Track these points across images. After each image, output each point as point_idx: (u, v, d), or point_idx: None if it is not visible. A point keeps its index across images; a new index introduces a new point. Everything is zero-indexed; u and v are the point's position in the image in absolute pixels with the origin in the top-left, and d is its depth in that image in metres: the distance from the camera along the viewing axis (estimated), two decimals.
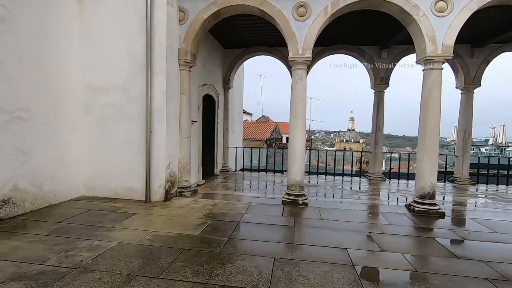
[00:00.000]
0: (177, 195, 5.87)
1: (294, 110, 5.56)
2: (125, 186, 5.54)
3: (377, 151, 8.72)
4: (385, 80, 8.46)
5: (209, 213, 4.76)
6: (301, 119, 5.54)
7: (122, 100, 5.48)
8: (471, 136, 8.31)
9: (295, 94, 5.55)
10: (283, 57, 8.87)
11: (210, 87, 7.69)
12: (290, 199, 5.53)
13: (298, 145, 5.57)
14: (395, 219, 4.75)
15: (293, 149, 5.61)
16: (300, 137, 5.59)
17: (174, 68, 5.67)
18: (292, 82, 5.61)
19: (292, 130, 5.61)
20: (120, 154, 5.53)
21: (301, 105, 5.53)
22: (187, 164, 6.01)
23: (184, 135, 5.93)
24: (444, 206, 5.61)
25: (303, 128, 5.59)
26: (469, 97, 8.17)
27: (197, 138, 6.99)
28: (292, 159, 5.61)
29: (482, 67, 8.00)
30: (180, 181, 5.95)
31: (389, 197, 6.44)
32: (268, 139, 21.71)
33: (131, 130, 5.47)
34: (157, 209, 4.94)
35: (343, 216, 4.82)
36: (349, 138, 77.61)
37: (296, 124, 5.55)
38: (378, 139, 8.69)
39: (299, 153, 5.58)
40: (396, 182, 8.50)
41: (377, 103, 8.64)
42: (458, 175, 8.38)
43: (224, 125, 9.34)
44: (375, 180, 8.54)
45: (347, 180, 8.54)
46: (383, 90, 8.59)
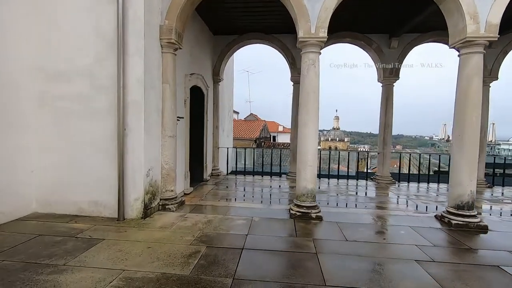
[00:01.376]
0: (159, 209, 4.72)
1: (305, 103, 4.54)
2: (92, 200, 4.33)
3: (385, 151, 7.87)
4: (394, 72, 7.61)
5: (202, 235, 3.66)
6: (313, 114, 4.53)
7: (87, 90, 4.26)
8: (487, 135, 7.61)
9: (306, 83, 4.53)
10: (281, 46, 7.85)
11: (198, 78, 6.55)
12: (300, 212, 4.52)
13: (310, 146, 4.56)
14: (434, 237, 3.83)
15: (303, 151, 4.59)
16: (313, 136, 4.58)
17: (155, 50, 4.51)
18: (302, 69, 4.58)
19: (302, 129, 4.59)
20: (85, 159, 4.32)
21: (314, 97, 4.52)
22: (172, 169, 4.87)
23: (168, 134, 4.77)
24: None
25: (316, 126, 4.58)
26: (486, 92, 7.45)
27: (183, 137, 5.84)
28: (302, 163, 4.60)
29: (499, 58, 7.31)
30: (163, 191, 4.80)
31: (414, 206, 5.56)
32: (258, 138, 20.70)
33: (99, 128, 4.27)
34: (133, 231, 3.78)
35: (371, 235, 3.86)
36: (334, 136, 78.19)
37: (307, 122, 4.54)
38: (387, 138, 7.85)
39: (311, 156, 4.57)
40: (406, 185, 7.69)
41: (385, 98, 7.80)
42: None
43: (214, 123, 8.21)
44: (384, 183, 7.69)
45: (353, 184, 7.64)
46: (393, 84, 7.75)
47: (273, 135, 48.37)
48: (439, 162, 11.49)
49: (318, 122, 4.60)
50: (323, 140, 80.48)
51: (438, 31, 7.26)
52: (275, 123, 51.56)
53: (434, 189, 7.32)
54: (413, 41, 7.51)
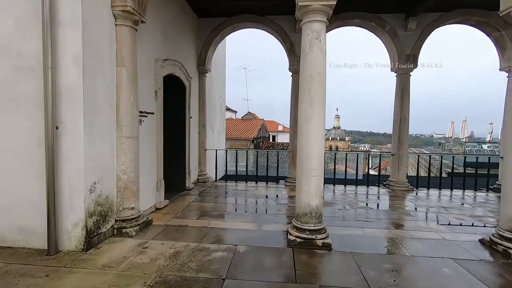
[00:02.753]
0: (113, 234, 3.55)
1: (307, 90, 3.36)
2: (16, 225, 3.16)
3: (401, 152, 6.69)
4: (412, 58, 6.43)
5: (158, 282, 2.49)
6: (319, 105, 3.35)
7: (4, 72, 3.10)
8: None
9: (308, 63, 3.35)
10: (278, 29, 6.67)
11: (176, 65, 5.37)
12: (302, 238, 3.34)
13: (315, 147, 3.38)
14: (494, 280, 2.66)
15: (305, 154, 3.41)
16: (318, 134, 3.40)
17: (103, 20, 3.34)
18: (303, 46, 3.41)
19: (304, 124, 3.41)
20: (3, 171, 3.15)
21: (319, 80, 3.34)
22: (133, 181, 3.69)
23: (126, 134, 3.60)
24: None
25: (322, 121, 3.40)
26: None
27: (154, 138, 4.66)
28: (304, 172, 3.42)
29: None
30: (120, 210, 3.63)
31: (446, 223, 4.39)
32: (255, 138, 19.51)
33: (21, 125, 3.10)
34: (61, 273, 2.62)
35: (405, 277, 2.68)
36: (335, 136, 77.08)
37: (311, 115, 3.36)
38: (403, 137, 6.67)
39: (317, 161, 3.39)
40: (425, 192, 6.51)
41: (400, 89, 6.61)
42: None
43: (200, 121, 7.04)
44: (400, 190, 6.51)
45: (363, 192, 6.46)
46: (409, 73, 6.56)
47: (273, 135, 47.29)
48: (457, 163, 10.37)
49: (324, 115, 3.42)
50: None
51: (465, 9, 6.09)
52: (274, 122, 50.47)
53: (459, 197, 6.15)
54: (434, 21, 6.33)
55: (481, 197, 6.18)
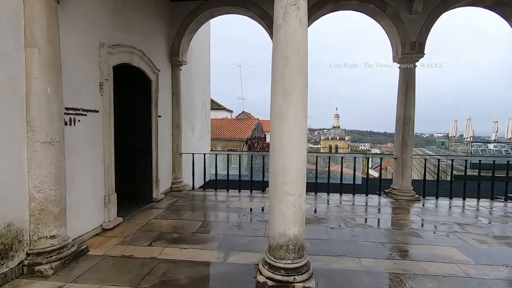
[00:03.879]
0: (22, 272, 2.64)
1: (280, 78, 2.45)
2: None
3: (405, 155, 5.77)
4: (418, 46, 5.51)
5: None
6: (297, 99, 2.43)
7: None
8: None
9: (283, 38, 2.43)
10: (262, 14, 5.76)
11: (135, 54, 4.47)
12: (275, 280, 2.43)
13: (292, 159, 2.46)
14: None
15: (279, 168, 2.49)
16: (296, 142, 2.47)
17: None
18: (275, 15, 2.48)
19: (277, 127, 2.49)
20: None
21: (297, 64, 2.42)
22: (54, 200, 2.78)
23: (41, 138, 2.69)
24: None
25: (302, 121, 2.48)
26: None
27: (100, 141, 3.74)
28: (278, 190, 2.51)
29: None
30: (35, 240, 2.72)
31: (467, 251, 3.47)
32: (249, 138, 18.58)
33: None
34: None
35: None
36: (334, 135, 76.26)
37: (286, 112, 2.44)
38: (407, 138, 5.74)
39: (294, 177, 2.47)
40: (433, 202, 5.59)
41: (404, 83, 5.69)
42: None
43: (174, 120, 6.12)
44: (404, 200, 5.59)
45: (361, 203, 5.54)
46: (415, 63, 5.65)
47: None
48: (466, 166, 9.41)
49: (306, 112, 2.51)
50: (323, 139, 78.53)
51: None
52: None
53: (473, 208, 5.24)
54: (442, 3, 5.41)
55: (500, 208, 5.26)
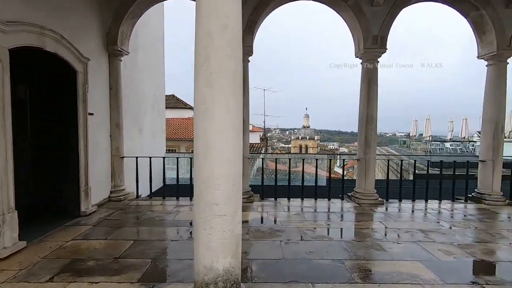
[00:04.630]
0: None
1: (204, 61, 1.83)
2: None
3: (368, 156, 5.45)
4: (380, 40, 5.20)
5: None
6: (226, 87, 1.84)
7: None
8: (504, 130, 5.48)
9: (205, 9, 1.82)
10: None
11: (47, 36, 3.61)
12: None
13: (223, 165, 1.86)
14: None
15: (205, 175, 1.88)
16: (229, 141, 1.88)
17: None
18: None
19: (201, 124, 1.88)
20: None
21: (226, 41, 1.82)
22: None
23: None
24: None
25: (235, 116, 1.89)
26: (502, 70, 5.31)
27: None
28: (202, 209, 1.88)
29: None
30: None
31: (436, 267, 3.10)
32: None
33: None
34: None
35: None
36: (305, 135, 77.77)
37: (210, 106, 1.83)
38: (370, 138, 5.42)
39: (225, 191, 1.86)
40: (396, 206, 5.33)
41: (367, 79, 5.36)
42: (485, 190, 5.48)
43: (113, 119, 5.27)
44: (367, 204, 5.26)
45: (324, 209, 5.12)
46: (377, 59, 5.34)
47: None
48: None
49: (240, 104, 1.92)
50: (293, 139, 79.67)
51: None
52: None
53: (436, 211, 5.05)
54: None
55: (461, 210, 5.11)
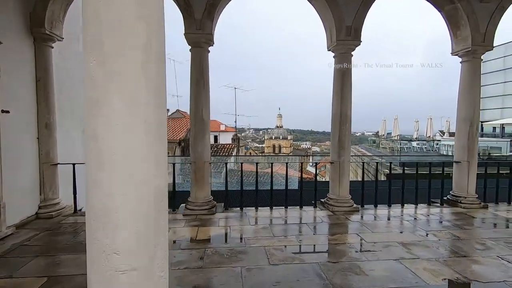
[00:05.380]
0: None
1: (94, 25, 1.13)
2: None
3: (342, 159, 4.97)
4: (354, 32, 4.74)
5: None
6: (130, 67, 1.14)
7: None
8: (479, 130, 5.27)
9: None
10: None
11: None
12: None
13: (128, 187, 1.15)
14: None
15: (98, 206, 1.17)
16: (134, 149, 1.18)
17: None
18: None
19: (91, 119, 1.17)
20: None
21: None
22: None
23: None
24: None
25: (146, 108, 1.20)
26: (476, 67, 5.09)
27: None
28: (97, 256, 1.18)
29: (495, 19, 4.98)
30: None
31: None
32: (184, 139, 16.77)
33: None
34: None
35: None
36: (278, 135, 78.31)
37: (105, 93, 1.13)
38: (344, 138, 4.95)
39: (135, 226, 1.17)
40: (372, 212, 4.92)
41: (340, 75, 4.88)
42: (461, 192, 5.24)
43: (41, 118, 4.31)
44: (342, 212, 4.78)
45: (295, 219, 4.56)
46: (351, 52, 4.88)
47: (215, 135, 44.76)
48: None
49: (153, 93, 1.22)
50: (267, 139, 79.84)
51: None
52: (216, 121, 48.12)
53: (412, 217, 4.70)
54: None
55: (438, 215, 4.79)
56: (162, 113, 1.28)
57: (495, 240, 3.65)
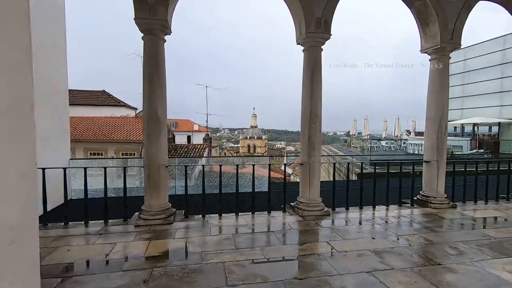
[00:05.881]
0: None
1: None
2: None
3: (312, 160, 4.67)
4: (323, 24, 4.44)
5: None
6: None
7: None
8: (447, 129, 5.21)
9: None
10: None
11: None
12: None
13: None
14: None
15: None
16: None
17: None
18: None
19: None
20: None
21: None
22: None
23: None
24: None
25: None
26: (445, 65, 5.02)
27: None
28: None
29: (462, 16, 4.93)
30: None
31: None
32: None
33: None
34: None
35: None
36: (253, 134, 78.17)
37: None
38: (314, 138, 4.65)
39: None
40: (343, 216, 4.68)
41: (310, 69, 4.58)
42: (431, 192, 5.16)
43: None
44: (312, 217, 4.47)
45: (262, 228, 4.18)
46: (320, 46, 4.58)
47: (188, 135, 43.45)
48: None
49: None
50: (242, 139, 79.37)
51: None
52: (189, 121, 46.88)
53: (383, 220, 4.51)
54: None
55: (409, 217, 4.64)
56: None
57: (467, 243, 3.51)
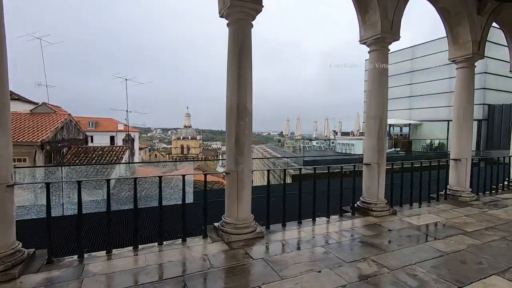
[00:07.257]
0: None
1: None
2: None
3: (241, 168, 3.61)
4: None
5: None
6: None
7: None
8: (387, 129, 4.78)
9: None
10: None
11: None
12: None
13: None
14: None
15: None
16: None
17: None
18: None
19: None
20: None
21: None
22: None
23: None
24: None
25: None
26: (384, 57, 4.56)
27: None
28: None
29: (400, 7, 4.53)
30: None
31: None
32: (52, 141, 12.51)
33: None
34: None
35: None
36: (186, 135, 74.56)
37: None
38: (244, 138, 3.61)
39: None
40: (280, 237, 3.78)
41: (238, 49, 3.51)
42: (371, 198, 4.65)
43: None
44: (243, 242, 3.42)
45: (171, 270, 2.95)
46: (249, 21, 3.57)
47: (111, 135, 38.93)
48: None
49: None
50: (174, 139, 74.89)
51: None
52: (113, 120, 42.10)
53: (325, 237, 3.77)
54: None
55: (351, 230, 4.00)
56: None
57: (422, 265, 2.93)
